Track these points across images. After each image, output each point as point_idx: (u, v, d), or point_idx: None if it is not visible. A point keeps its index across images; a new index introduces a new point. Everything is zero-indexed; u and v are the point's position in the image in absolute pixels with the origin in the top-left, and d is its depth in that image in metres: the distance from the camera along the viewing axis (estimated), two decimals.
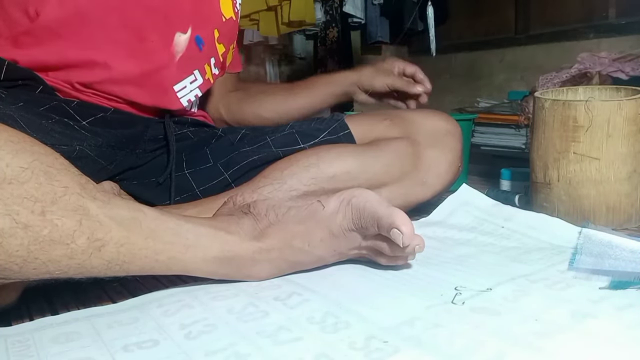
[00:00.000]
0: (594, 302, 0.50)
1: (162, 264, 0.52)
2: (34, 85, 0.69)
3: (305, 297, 0.54)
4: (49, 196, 0.44)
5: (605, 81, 1.33)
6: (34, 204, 0.43)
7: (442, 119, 0.88)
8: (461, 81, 2.53)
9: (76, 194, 0.46)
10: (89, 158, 0.68)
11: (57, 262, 0.45)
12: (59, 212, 0.44)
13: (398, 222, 0.55)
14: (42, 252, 0.44)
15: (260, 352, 0.43)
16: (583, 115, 0.77)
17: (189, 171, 0.79)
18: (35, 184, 0.43)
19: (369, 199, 0.58)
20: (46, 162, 0.45)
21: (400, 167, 0.82)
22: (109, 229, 0.47)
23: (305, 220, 0.58)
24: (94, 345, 0.46)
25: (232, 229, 0.57)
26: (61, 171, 0.46)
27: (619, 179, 0.79)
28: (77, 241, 0.45)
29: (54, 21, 0.70)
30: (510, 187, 1.07)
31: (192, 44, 0.79)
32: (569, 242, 0.69)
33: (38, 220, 0.43)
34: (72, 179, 0.46)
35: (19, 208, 0.42)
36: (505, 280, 0.56)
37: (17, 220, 0.42)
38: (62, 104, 0.70)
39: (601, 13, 1.95)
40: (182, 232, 0.53)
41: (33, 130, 0.60)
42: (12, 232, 0.42)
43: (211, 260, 0.55)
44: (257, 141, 0.81)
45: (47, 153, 0.46)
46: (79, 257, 0.46)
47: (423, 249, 0.57)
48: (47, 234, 0.43)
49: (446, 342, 0.43)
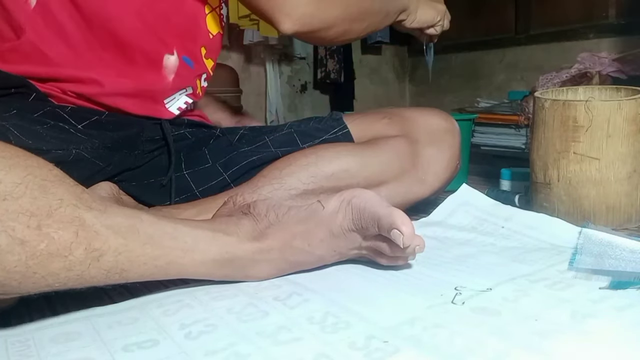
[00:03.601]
0: (594, 302, 0.50)
1: (161, 269, 0.52)
2: (27, 93, 0.69)
3: (305, 297, 0.54)
4: (44, 210, 0.43)
5: (605, 81, 1.33)
6: (29, 218, 0.42)
7: (441, 117, 0.88)
8: (461, 81, 2.53)
9: (72, 205, 0.45)
10: (86, 160, 0.68)
11: (55, 275, 0.44)
12: (55, 225, 0.44)
13: (398, 222, 0.55)
14: (41, 266, 0.43)
15: (260, 352, 0.43)
16: (583, 115, 0.77)
17: (187, 172, 0.79)
18: (30, 199, 0.43)
19: (369, 199, 0.58)
20: (40, 176, 0.44)
21: (398, 165, 0.82)
22: (106, 238, 0.47)
23: (306, 220, 0.58)
24: (93, 345, 0.46)
25: (230, 231, 0.57)
26: (55, 183, 0.45)
27: (619, 179, 0.79)
28: (74, 253, 0.45)
29: (39, 41, 0.69)
30: (510, 187, 1.07)
31: (182, 63, 0.78)
32: (569, 242, 0.69)
33: (34, 234, 0.43)
34: (68, 190, 0.46)
35: (15, 224, 0.42)
36: (505, 280, 0.56)
37: (14, 236, 0.42)
38: (56, 109, 0.70)
39: (601, 13, 1.95)
40: (180, 236, 0.53)
41: (27, 137, 0.60)
42: (9, 249, 0.41)
43: (210, 262, 0.55)
44: (256, 141, 0.81)
45: (41, 166, 0.45)
46: (78, 269, 0.45)
47: (423, 250, 0.57)
48: (45, 247, 0.43)
49: (446, 342, 0.43)
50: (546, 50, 2.12)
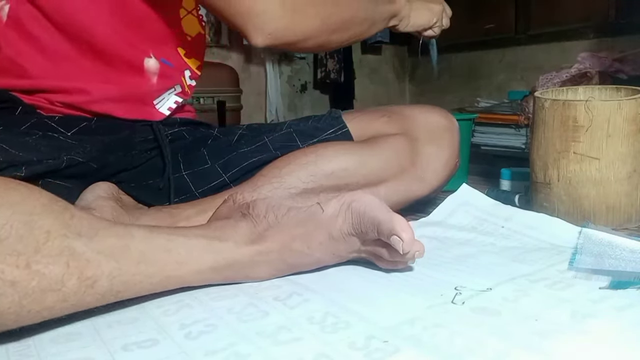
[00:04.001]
0: (594, 302, 0.50)
1: (158, 284, 0.52)
2: (13, 107, 0.69)
3: (305, 297, 0.54)
4: (31, 246, 0.43)
5: (605, 81, 1.33)
6: (17, 258, 0.42)
7: (440, 115, 0.88)
8: (461, 81, 2.53)
9: (60, 236, 0.44)
10: (81, 164, 0.67)
11: (51, 308, 0.44)
12: (44, 260, 0.43)
13: (398, 228, 0.54)
14: (35, 303, 0.43)
15: (260, 352, 0.43)
16: (583, 115, 0.77)
17: (186, 172, 0.79)
18: (16, 238, 0.42)
19: (370, 203, 0.57)
20: (25, 211, 0.43)
21: (398, 163, 0.82)
22: (98, 264, 0.46)
23: (305, 222, 0.58)
24: (93, 344, 0.46)
25: (226, 236, 0.57)
26: (42, 215, 0.44)
27: (619, 178, 0.79)
28: (67, 284, 0.44)
29: (16, 54, 0.69)
30: (510, 187, 1.07)
31: (162, 65, 0.78)
32: (568, 242, 0.69)
33: (24, 273, 0.42)
34: (56, 219, 0.45)
35: (3, 266, 0.41)
36: (505, 280, 0.56)
37: (4, 279, 0.41)
38: (44, 119, 0.69)
39: (601, 13, 1.95)
40: (174, 248, 0.52)
41: (17, 149, 0.60)
42: (1, 292, 0.41)
43: (207, 270, 0.55)
44: (255, 141, 0.81)
45: (26, 198, 0.44)
46: (72, 299, 0.45)
47: (423, 255, 0.57)
48: (36, 284, 0.42)
49: (446, 342, 0.43)
50: (546, 50, 2.13)
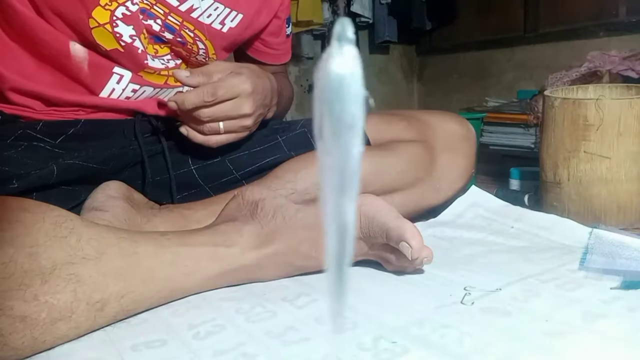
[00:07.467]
0: (606, 302, 0.49)
1: (167, 297, 0.52)
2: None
3: (313, 297, 0.54)
4: (37, 279, 0.42)
5: (615, 80, 1.32)
6: (24, 292, 0.41)
7: (458, 123, 0.87)
8: (470, 80, 2.52)
9: (66, 264, 0.44)
10: (75, 166, 0.66)
11: (64, 335, 0.44)
12: (51, 291, 0.43)
13: (407, 235, 0.54)
14: (47, 333, 0.43)
15: (268, 353, 0.43)
16: (593, 114, 0.77)
17: (195, 167, 0.78)
18: (21, 273, 0.42)
19: (379, 208, 0.57)
20: (29, 244, 0.43)
21: (414, 173, 0.81)
22: (105, 287, 0.46)
23: (313, 225, 0.58)
24: (102, 345, 0.46)
25: (232, 241, 0.56)
26: (47, 244, 0.44)
27: (630, 177, 0.78)
28: (77, 311, 0.44)
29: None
30: (520, 187, 1.07)
31: (90, 51, 0.73)
32: (579, 241, 0.68)
33: (33, 306, 0.42)
34: (61, 246, 0.45)
35: (11, 302, 0.41)
36: (515, 280, 0.56)
37: (13, 315, 0.41)
38: (27, 130, 0.68)
39: (611, 11, 1.93)
40: (180, 261, 0.53)
41: (2, 165, 0.59)
42: (12, 329, 0.41)
43: (214, 277, 0.55)
44: (268, 140, 0.80)
45: (29, 229, 0.44)
46: (84, 325, 0.45)
47: (431, 261, 0.57)
48: (46, 316, 0.42)
49: (455, 342, 0.43)
50: (555, 49, 2.11)
